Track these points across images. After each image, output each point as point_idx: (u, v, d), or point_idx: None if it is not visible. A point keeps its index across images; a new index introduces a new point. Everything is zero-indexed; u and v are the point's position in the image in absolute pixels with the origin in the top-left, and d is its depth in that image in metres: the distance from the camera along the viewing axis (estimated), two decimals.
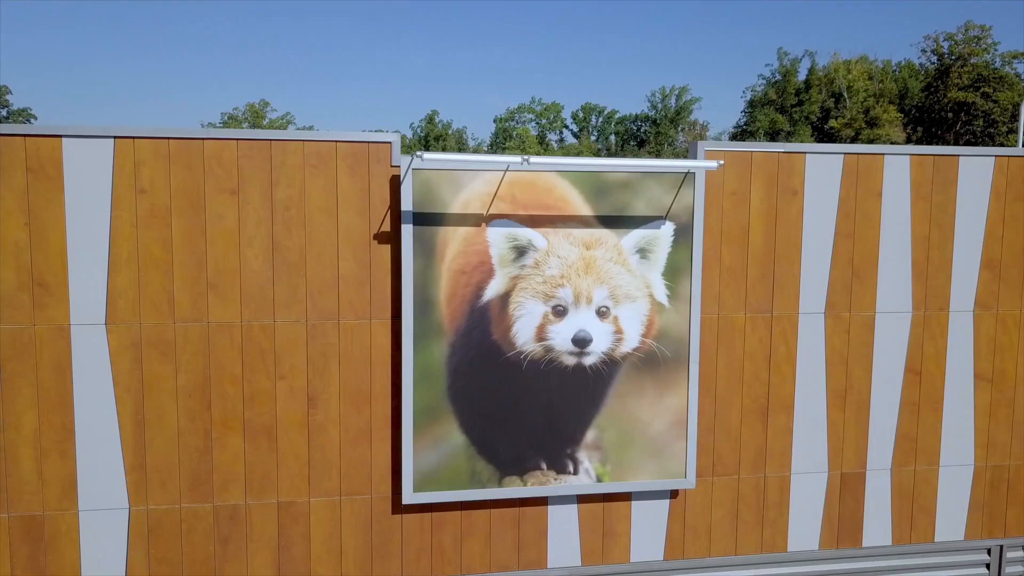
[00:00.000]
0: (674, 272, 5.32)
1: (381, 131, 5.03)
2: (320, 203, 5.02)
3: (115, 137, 4.76)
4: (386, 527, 5.30)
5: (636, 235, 5.22)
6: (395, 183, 5.06)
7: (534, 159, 4.76)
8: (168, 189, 4.85)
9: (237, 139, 4.90)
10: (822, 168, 5.58)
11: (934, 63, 48.93)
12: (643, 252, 5.24)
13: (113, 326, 4.87)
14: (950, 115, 47.31)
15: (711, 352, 5.55)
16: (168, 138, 4.83)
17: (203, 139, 4.86)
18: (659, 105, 70.70)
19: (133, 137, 4.78)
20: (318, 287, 5.06)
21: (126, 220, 4.82)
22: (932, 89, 48.90)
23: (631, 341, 5.28)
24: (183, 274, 4.91)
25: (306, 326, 5.07)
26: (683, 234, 5.31)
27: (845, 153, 5.61)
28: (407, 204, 4.96)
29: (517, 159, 4.76)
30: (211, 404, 5.02)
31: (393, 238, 5.10)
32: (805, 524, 5.83)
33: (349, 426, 5.19)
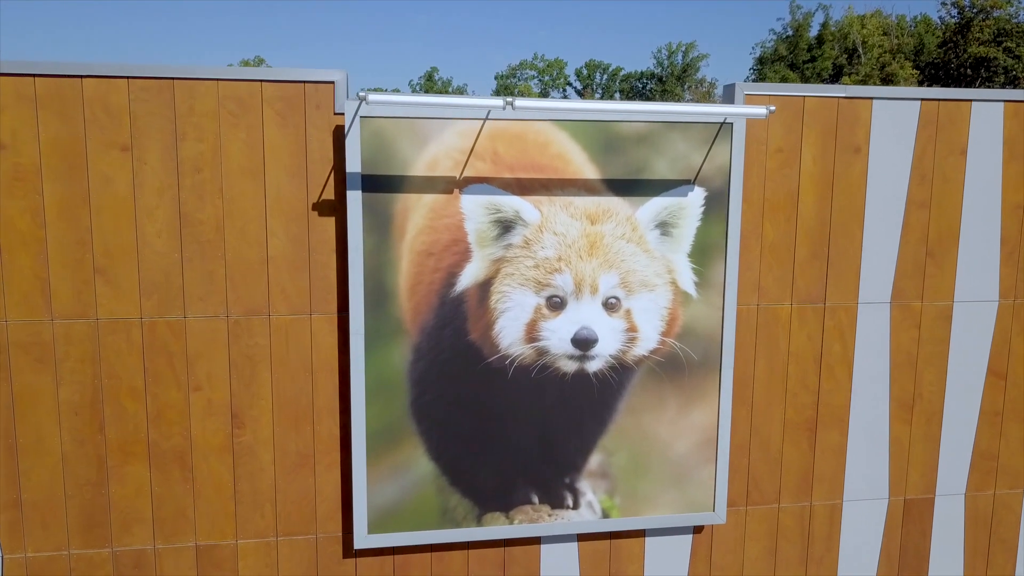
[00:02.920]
0: (704, 252, 4.13)
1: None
2: (241, 162, 3.82)
3: None
4: (336, 575, 4.20)
5: (656, 205, 4.02)
6: (339, 136, 3.85)
7: (521, 102, 3.54)
8: (36, 143, 3.65)
9: (127, 76, 3.68)
10: (893, 118, 4.36)
11: (954, 17, 46.84)
12: (664, 227, 4.05)
13: None
14: (969, 71, 45.42)
15: (748, 353, 4.39)
16: (33, 75, 3.61)
17: (81, 76, 3.64)
18: (665, 62, 68.68)
19: None
20: (241, 272, 3.88)
21: None
22: (952, 44, 46.95)
23: (648, 341, 4.11)
24: (61, 256, 3.73)
25: (227, 322, 3.91)
26: (716, 203, 4.11)
27: (923, 99, 4.38)
28: (355, 163, 3.76)
29: (498, 102, 3.54)
30: (104, 424, 3.88)
31: (338, 208, 3.91)
32: (860, 561, 4.72)
33: (286, 450, 4.06)
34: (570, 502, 4.20)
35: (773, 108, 3.79)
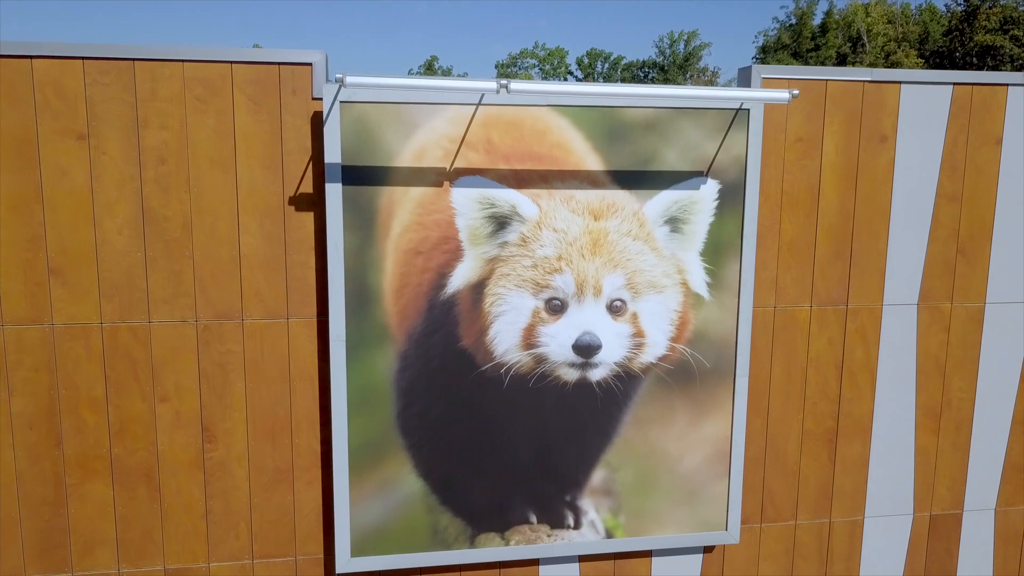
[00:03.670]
0: (717, 251, 3.79)
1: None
2: (210, 152, 3.47)
3: None
4: None
5: (665, 199, 3.68)
6: (318, 123, 3.50)
7: (516, 85, 3.18)
8: None
9: (83, 57, 3.33)
10: (923, 105, 4.00)
11: (960, 5, 46.23)
12: (675, 223, 3.71)
13: None
14: (975, 60, 44.85)
15: (764, 359, 4.05)
16: None
17: (30, 57, 3.30)
18: (667, 51, 68.14)
19: None
20: (211, 273, 3.55)
21: None
22: (957, 32, 46.38)
23: (656, 347, 3.78)
24: (12, 256, 3.40)
25: (195, 328, 3.57)
26: (730, 197, 3.76)
27: (955, 84, 4.03)
28: (334, 153, 3.42)
29: (492, 85, 3.19)
30: (62, 439, 3.55)
31: (316, 202, 3.57)
32: None
33: (262, 465, 3.73)
34: (571, 521, 3.87)
35: (797, 92, 3.44)
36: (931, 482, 4.35)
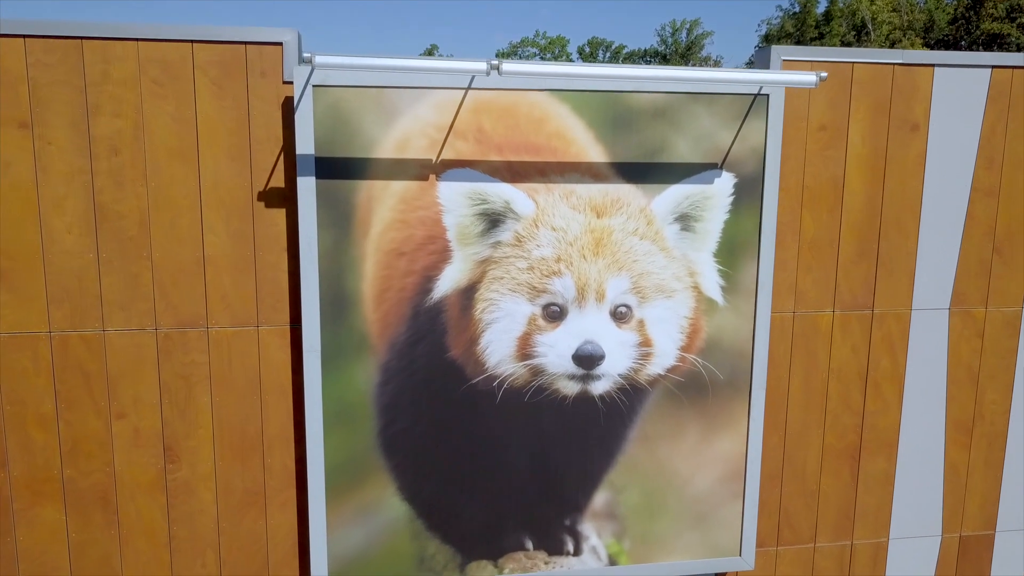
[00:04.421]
0: (732, 251, 3.44)
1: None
2: (169, 142, 3.12)
3: None
4: None
5: (675, 194, 3.33)
6: (289, 109, 3.15)
7: (510, 65, 2.82)
8: None
9: (24, 35, 2.97)
10: (959, 90, 3.64)
11: None
12: (686, 220, 3.35)
13: None
14: (981, 49, 44.38)
15: (782, 369, 3.71)
16: None
17: None
18: (669, 40, 67.55)
19: None
20: (172, 276, 3.20)
21: None
22: (963, 20, 45.83)
23: (664, 357, 3.43)
24: None
25: (155, 336, 3.23)
26: (747, 192, 3.41)
27: (994, 67, 3.66)
28: (307, 143, 3.06)
29: (482, 65, 2.82)
30: (8, 459, 3.21)
31: (289, 198, 3.21)
32: None
33: (231, 487, 3.39)
34: (570, 547, 3.54)
35: (825, 75, 3.08)
36: (961, 501, 4.02)
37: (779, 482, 3.82)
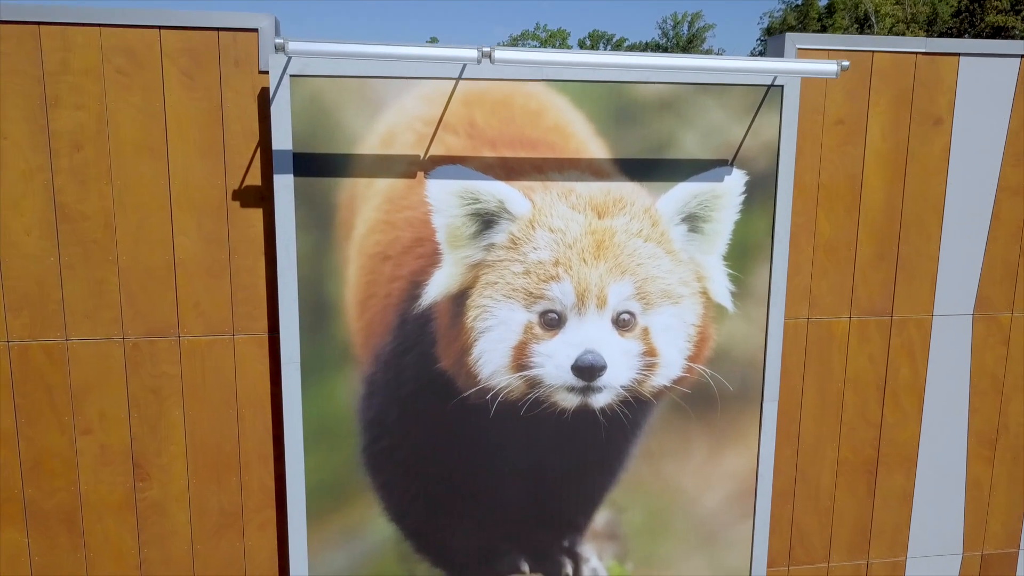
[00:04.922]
0: (743, 254, 3.20)
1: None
2: (135, 137, 2.88)
3: None
4: None
5: (683, 192, 3.09)
6: (266, 102, 2.91)
7: (503, 53, 2.58)
8: None
9: None
10: (985, 81, 3.41)
11: None
12: (694, 221, 3.12)
13: None
14: None
15: (795, 379, 3.48)
16: None
17: None
18: (670, 33, 67.19)
19: None
20: (140, 282, 2.96)
21: None
22: (967, 12, 45.50)
23: (670, 367, 3.20)
24: None
25: (123, 346, 3.00)
26: (760, 190, 3.17)
27: (1023, 56, 3.42)
28: (284, 138, 2.83)
29: (472, 53, 2.58)
30: None
31: (266, 197, 2.98)
32: None
33: (205, 507, 3.16)
34: (569, 570, 3.31)
35: (847, 64, 2.84)
36: (984, 518, 3.79)
37: (791, 499, 3.59)
